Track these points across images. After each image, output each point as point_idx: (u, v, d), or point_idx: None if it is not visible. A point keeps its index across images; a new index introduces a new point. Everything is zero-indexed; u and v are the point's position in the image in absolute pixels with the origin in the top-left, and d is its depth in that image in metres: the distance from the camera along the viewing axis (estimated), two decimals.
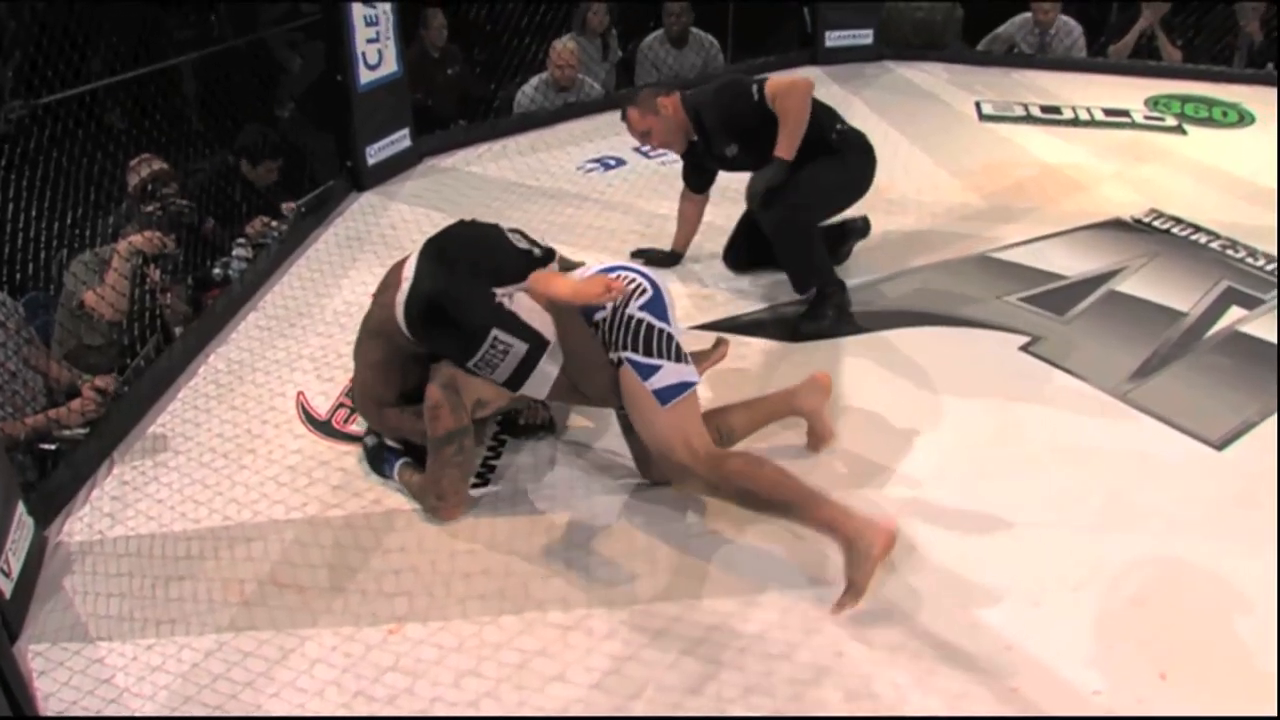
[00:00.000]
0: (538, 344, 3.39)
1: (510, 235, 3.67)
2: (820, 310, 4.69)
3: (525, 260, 3.54)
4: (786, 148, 4.57)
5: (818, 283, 4.73)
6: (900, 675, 2.97)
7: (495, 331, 3.35)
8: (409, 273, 3.54)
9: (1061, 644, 3.05)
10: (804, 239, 4.69)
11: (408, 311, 3.48)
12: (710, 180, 5.09)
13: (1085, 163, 6.38)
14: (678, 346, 3.36)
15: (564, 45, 7.30)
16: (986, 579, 3.28)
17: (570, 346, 3.42)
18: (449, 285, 3.45)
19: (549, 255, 3.61)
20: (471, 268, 3.49)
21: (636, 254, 5.26)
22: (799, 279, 4.78)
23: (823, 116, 4.74)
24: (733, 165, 4.90)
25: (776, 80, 4.64)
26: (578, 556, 3.42)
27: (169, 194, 5.13)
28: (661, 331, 3.34)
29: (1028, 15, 8.16)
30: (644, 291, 3.37)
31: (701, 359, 4.00)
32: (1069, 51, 8.12)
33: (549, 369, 3.41)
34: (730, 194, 5.10)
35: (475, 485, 3.74)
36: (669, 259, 5.23)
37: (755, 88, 4.60)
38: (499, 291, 3.41)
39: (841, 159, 4.76)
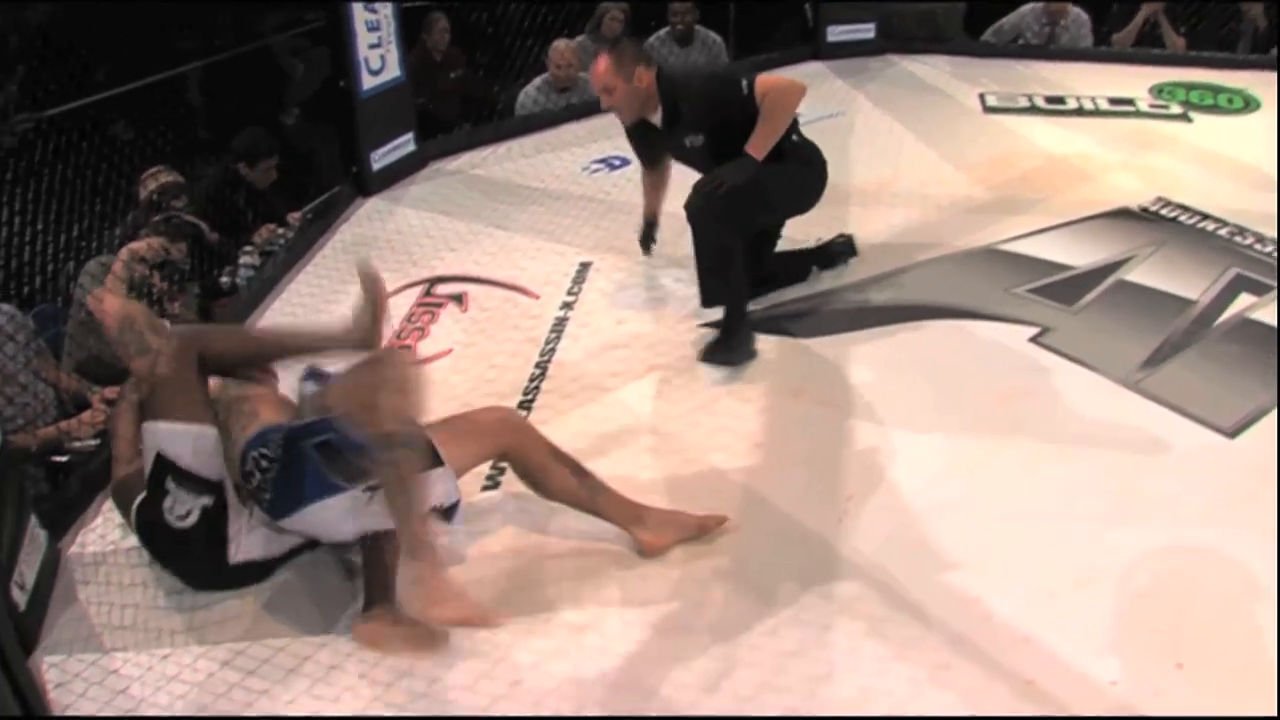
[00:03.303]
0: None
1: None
2: (730, 341, 4.48)
3: None
4: (760, 145, 4.37)
5: (728, 304, 4.53)
6: (915, 670, 2.96)
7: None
8: None
9: (1077, 636, 3.04)
10: (727, 250, 4.47)
11: None
12: (662, 153, 4.89)
13: (1091, 152, 6.37)
14: None
15: (563, 45, 7.28)
16: (1000, 572, 3.28)
17: None
18: None
19: None
20: None
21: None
22: (710, 291, 4.60)
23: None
24: (687, 156, 4.69)
25: (769, 78, 4.49)
26: (590, 556, 3.42)
27: (178, 206, 5.16)
28: None
29: (1037, 5, 8.12)
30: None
31: None
32: (1075, 42, 8.09)
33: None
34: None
35: (485, 488, 3.74)
36: (646, 232, 5.17)
37: (745, 82, 4.44)
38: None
39: (791, 167, 4.59)
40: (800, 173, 4.66)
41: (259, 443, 3.18)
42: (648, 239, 5.20)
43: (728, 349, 4.45)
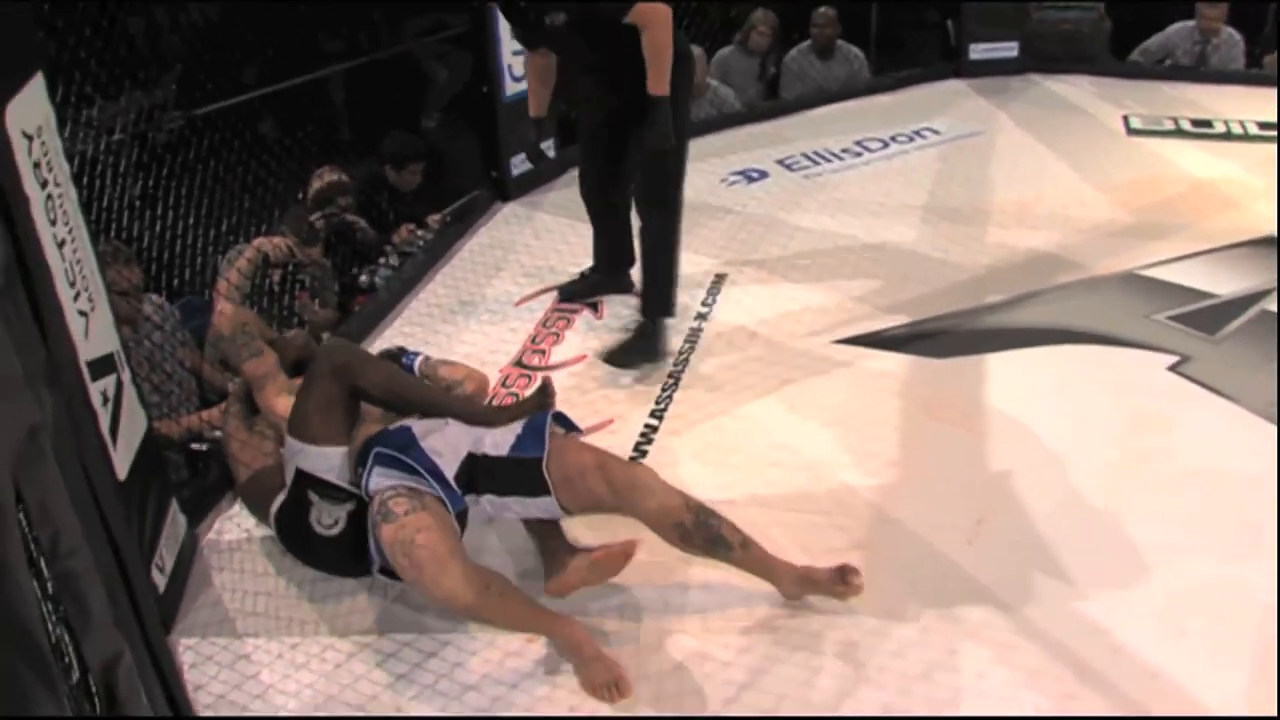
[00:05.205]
0: None
1: None
2: (651, 343, 4.51)
3: None
4: (662, 81, 4.09)
5: (665, 310, 4.54)
6: (1041, 699, 2.93)
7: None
8: None
9: (1208, 674, 2.98)
10: (675, 250, 4.54)
11: None
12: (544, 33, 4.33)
13: (1238, 178, 6.22)
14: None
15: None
16: (1130, 604, 3.22)
17: None
18: None
19: None
20: None
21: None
22: (656, 301, 4.56)
23: None
24: (552, 39, 4.32)
25: (647, 9, 4.01)
26: (715, 568, 3.39)
27: (343, 205, 5.30)
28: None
29: (1189, 23, 7.96)
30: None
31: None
32: (1226, 63, 7.92)
33: None
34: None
35: None
36: (535, 135, 4.95)
37: None
38: None
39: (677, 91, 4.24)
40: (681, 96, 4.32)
41: (359, 461, 3.25)
42: (537, 147, 5.00)
43: (635, 350, 4.47)
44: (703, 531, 3.15)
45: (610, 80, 4.36)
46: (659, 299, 4.58)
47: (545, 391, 3.46)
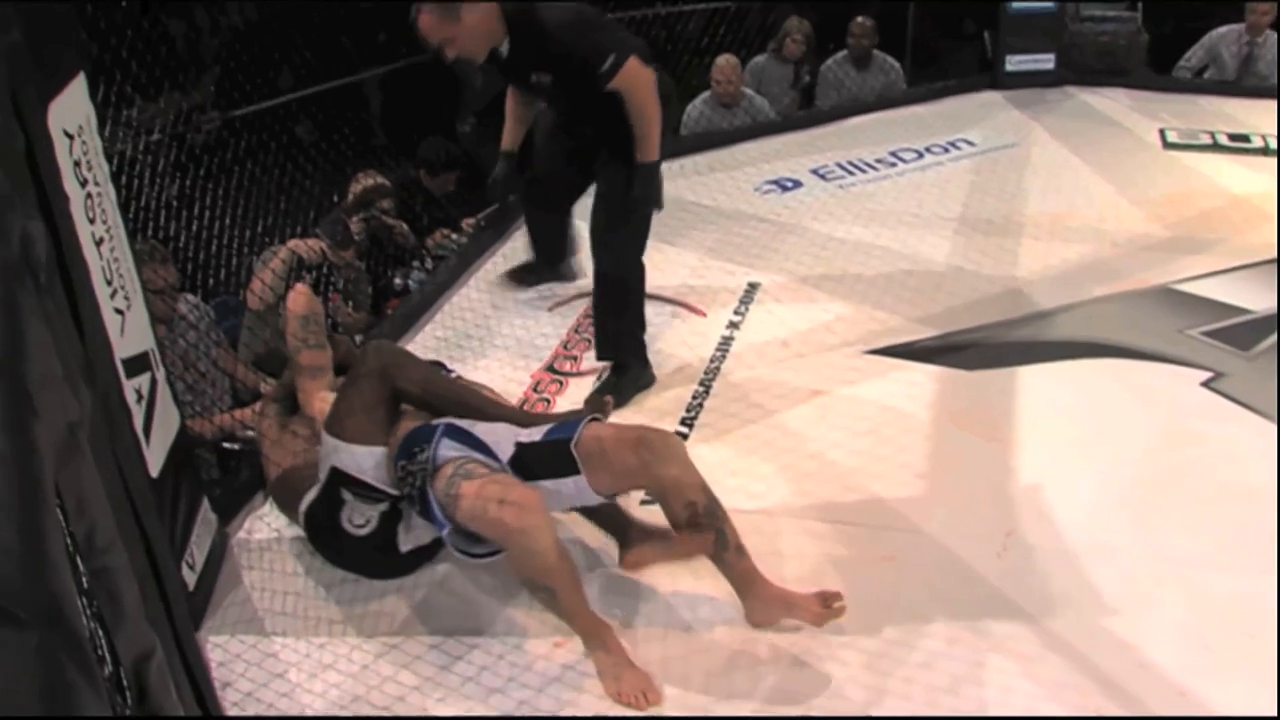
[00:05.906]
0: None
1: None
2: (619, 385, 4.34)
3: None
4: (654, 148, 4.12)
5: (624, 355, 4.42)
6: (1067, 713, 2.92)
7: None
8: None
9: (1237, 692, 2.96)
10: (632, 296, 4.41)
11: None
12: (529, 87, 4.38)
13: (1275, 193, 6.17)
14: None
15: (724, 61, 7.28)
16: (1157, 619, 3.21)
17: None
18: None
19: None
20: None
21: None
22: (609, 343, 4.44)
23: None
24: (535, 90, 4.38)
25: (628, 76, 4.01)
26: None
27: (384, 209, 5.33)
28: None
29: (1235, 26, 7.93)
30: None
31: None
32: (1272, 66, 7.85)
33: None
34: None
35: (645, 502, 3.75)
36: (505, 172, 4.85)
37: (612, 60, 3.97)
38: None
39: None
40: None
41: (403, 454, 3.25)
42: (507, 185, 4.94)
43: (621, 389, 4.32)
44: (710, 520, 3.15)
45: (593, 134, 4.34)
46: (618, 348, 4.45)
47: (600, 407, 3.47)
